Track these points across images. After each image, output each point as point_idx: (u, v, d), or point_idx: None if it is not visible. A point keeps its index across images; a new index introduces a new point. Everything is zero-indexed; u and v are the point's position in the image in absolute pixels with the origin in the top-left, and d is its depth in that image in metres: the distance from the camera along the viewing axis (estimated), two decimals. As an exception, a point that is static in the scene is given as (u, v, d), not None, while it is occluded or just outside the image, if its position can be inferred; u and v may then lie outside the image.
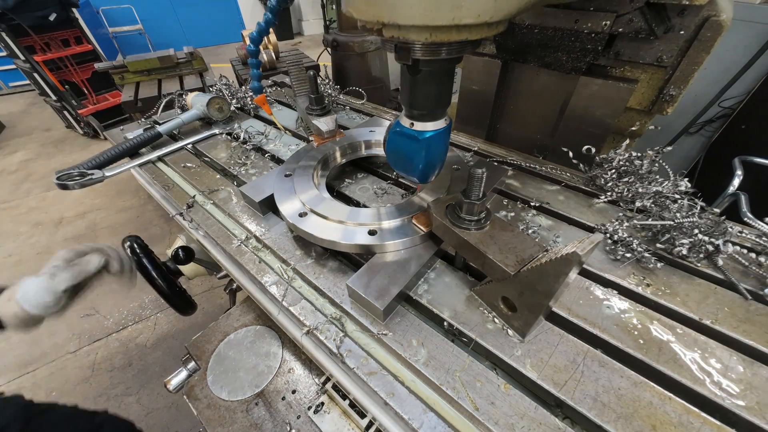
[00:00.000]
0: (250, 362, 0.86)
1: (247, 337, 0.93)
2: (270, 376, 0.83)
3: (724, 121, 2.83)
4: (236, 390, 0.81)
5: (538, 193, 0.95)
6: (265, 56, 3.36)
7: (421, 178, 0.77)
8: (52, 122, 5.33)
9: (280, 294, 0.75)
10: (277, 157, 1.21)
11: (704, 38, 0.82)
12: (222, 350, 0.90)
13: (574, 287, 0.70)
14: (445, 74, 0.64)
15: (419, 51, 0.55)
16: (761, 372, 0.55)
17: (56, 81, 4.44)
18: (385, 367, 0.62)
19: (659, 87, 0.93)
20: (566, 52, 0.92)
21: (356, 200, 1.01)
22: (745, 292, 0.65)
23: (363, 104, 1.55)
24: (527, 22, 0.94)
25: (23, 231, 3.38)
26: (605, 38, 0.84)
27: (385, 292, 0.65)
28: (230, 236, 0.91)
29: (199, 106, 1.38)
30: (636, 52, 0.89)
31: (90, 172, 1.11)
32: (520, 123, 1.20)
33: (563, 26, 0.88)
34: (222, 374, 0.85)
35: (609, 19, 0.80)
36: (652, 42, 0.86)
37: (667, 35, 0.84)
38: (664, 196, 0.81)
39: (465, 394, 0.55)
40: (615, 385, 0.54)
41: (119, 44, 7.04)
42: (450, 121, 0.72)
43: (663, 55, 0.86)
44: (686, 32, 0.82)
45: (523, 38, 0.97)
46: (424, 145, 0.69)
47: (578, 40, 0.88)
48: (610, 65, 0.96)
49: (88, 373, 2.27)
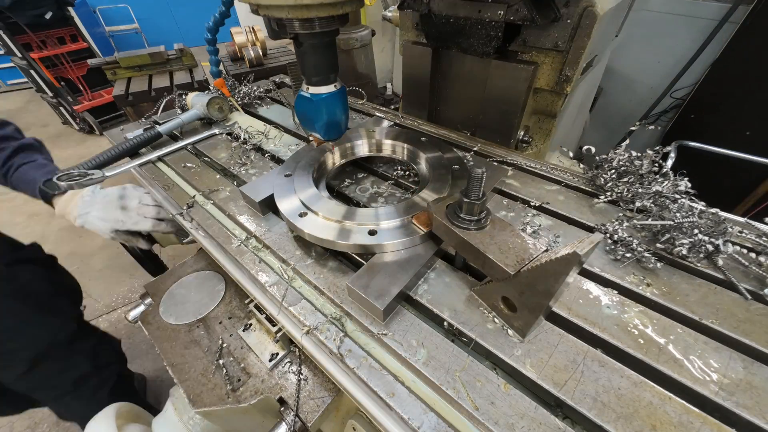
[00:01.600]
0: (197, 297, 1.02)
1: (197, 279, 1.08)
2: (212, 306, 0.98)
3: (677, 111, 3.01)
4: (182, 317, 0.97)
5: (538, 193, 0.95)
6: (252, 53, 3.37)
7: (324, 134, 0.92)
8: (48, 118, 5.37)
9: (280, 294, 0.75)
10: (277, 157, 1.21)
11: (584, 25, 0.95)
12: (174, 289, 1.05)
13: (574, 287, 0.70)
14: (325, 46, 0.79)
15: (296, 26, 0.71)
16: (761, 372, 0.55)
17: (52, 78, 4.47)
18: (385, 367, 0.62)
19: (559, 69, 1.06)
20: (476, 38, 1.04)
21: (356, 200, 1.01)
22: (745, 292, 0.66)
23: (363, 104, 1.55)
24: (444, 12, 1.06)
25: (19, 221, 3.49)
26: (502, 26, 0.97)
27: (385, 292, 0.65)
28: (230, 236, 0.91)
29: (199, 107, 1.38)
30: (538, 39, 1.04)
31: (90, 172, 1.11)
32: (455, 104, 1.35)
33: (470, 15, 1.00)
34: (171, 306, 1.01)
35: (502, 9, 0.94)
36: (549, 30, 1.00)
37: (559, 23, 0.97)
38: (664, 196, 0.82)
39: (465, 394, 0.55)
40: (615, 384, 0.54)
41: (116, 43, 7.03)
42: (343, 86, 0.89)
43: (558, 41, 1.00)
44: (572, 21, 0.95)
45: (442, 27, 1.10)
46: (320, 105, 0.85)
47: (483, 28, 1.01)
48: (520, 50, 1.11)
49: None
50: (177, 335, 0.93)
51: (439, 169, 0.93)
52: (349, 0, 0.71)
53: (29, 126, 5.32)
